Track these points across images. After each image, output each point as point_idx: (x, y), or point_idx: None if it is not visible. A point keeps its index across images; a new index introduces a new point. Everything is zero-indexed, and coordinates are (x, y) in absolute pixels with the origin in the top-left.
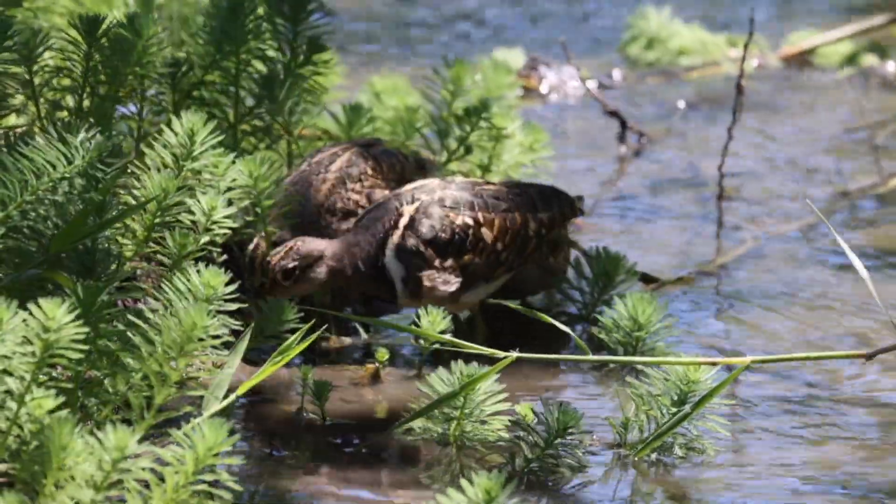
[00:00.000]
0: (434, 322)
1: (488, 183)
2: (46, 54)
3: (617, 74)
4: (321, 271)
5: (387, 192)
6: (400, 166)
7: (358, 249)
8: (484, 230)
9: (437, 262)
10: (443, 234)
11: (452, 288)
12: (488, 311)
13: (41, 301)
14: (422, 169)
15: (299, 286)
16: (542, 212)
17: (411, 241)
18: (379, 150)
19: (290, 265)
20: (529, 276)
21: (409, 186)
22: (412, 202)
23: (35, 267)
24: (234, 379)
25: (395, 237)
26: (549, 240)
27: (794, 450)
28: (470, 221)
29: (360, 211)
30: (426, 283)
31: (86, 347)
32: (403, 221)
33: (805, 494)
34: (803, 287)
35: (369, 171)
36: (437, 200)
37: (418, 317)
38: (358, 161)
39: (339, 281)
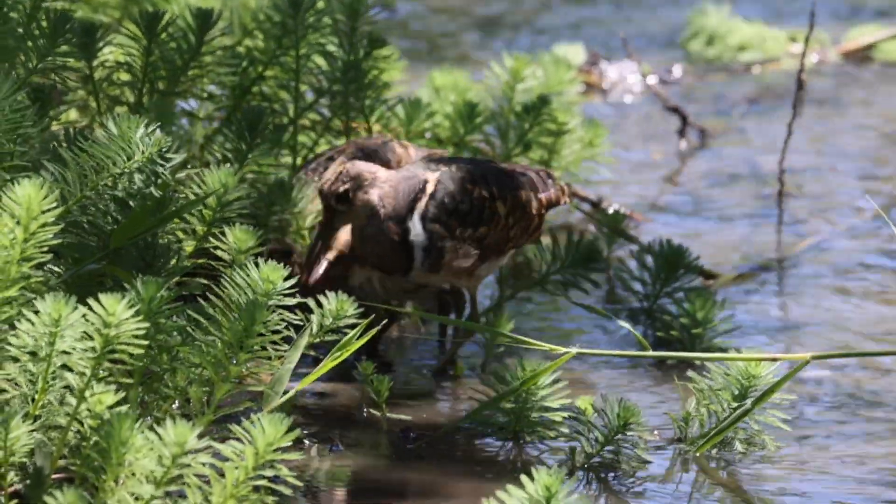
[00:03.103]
0: (499, 320)
1: (492, 161)
2: (106, 49)
3: (677, 70)
4: (374, 193)
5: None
6: (397, 159)
7: (395, 198)
8: (498, 203)
9: (457, 233)
10: (463, 206)
11: (470, 261)
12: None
13: (101, 296)
14: None
15: (351, 214)
16: (541, 193)
17: (433, 211)
18: (372, 148)
19: (342, 188)
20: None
21: (423, 157)
22: (435, 171)
23: (95, 262)
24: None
25: (422, 203)
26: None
27: (856, 445)
28: (486, 194)
29: None
30: (449, 253)
31: (146, 343)
32: (430, 188)
33: (868, 490)
34: (864, 283)
35: None
36: (455, 171)
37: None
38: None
39: (371, 237)
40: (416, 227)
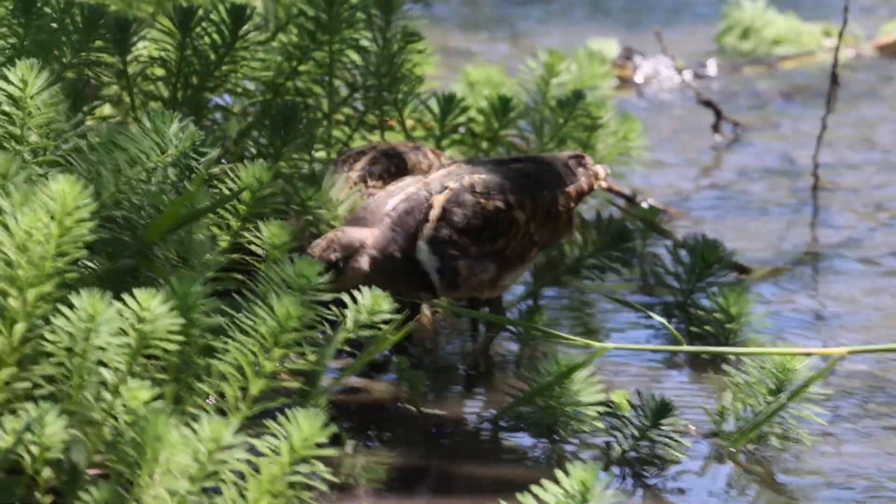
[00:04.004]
0: (531, 314)
1: (517, 160)
2: (140, 44)
3: (712, 64)
4: (364, 261)
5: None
6: (427, 163)
7: (394, 242)
8: (516, 212)
9: (472, 250)
10: (475, 222)
11: (490, 274)
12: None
13: (136, 292)
14: None
15: (344, 280)
16: (569, 185)
17: (444, 232)
18: (407, 147)
19: (333, 257)
20: None
21: (437, 174)
22: (441, 191)
23: (129, 257)
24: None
25: (427, 229)
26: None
27: (893, 440)
28: (501, 205)
29: None
30: (463, 272)
31: (181, 338)
32: (435, 213)
33: None
34: None
35: (392, 169)
36: (468, 187)
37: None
38: (381, 159)
39: (380, 273)
40: (422, 252)
